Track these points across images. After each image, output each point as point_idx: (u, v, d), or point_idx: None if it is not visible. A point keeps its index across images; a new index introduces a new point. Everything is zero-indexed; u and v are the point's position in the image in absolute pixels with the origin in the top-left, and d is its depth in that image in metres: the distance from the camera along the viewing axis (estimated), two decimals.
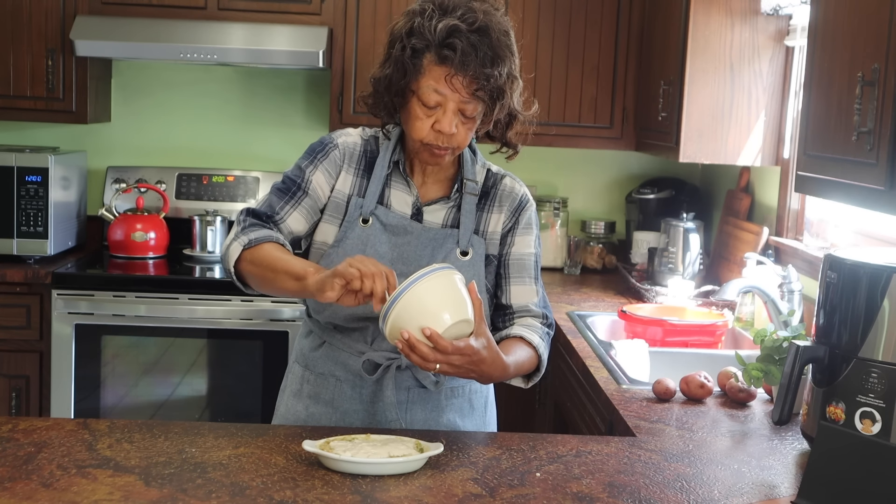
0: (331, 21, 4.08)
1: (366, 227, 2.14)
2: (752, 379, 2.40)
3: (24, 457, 1.84)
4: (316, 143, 2.22)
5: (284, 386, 2.31)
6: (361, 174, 2.17)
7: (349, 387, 2.18)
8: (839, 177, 2.09)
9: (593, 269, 4.42)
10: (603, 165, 4.59)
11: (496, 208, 2.21)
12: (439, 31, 1.97)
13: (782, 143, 3.56)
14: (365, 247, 2.12)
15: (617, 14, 4.13)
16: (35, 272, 3.80)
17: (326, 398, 2.19)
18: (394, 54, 2.03)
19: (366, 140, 2.21)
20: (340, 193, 2.16)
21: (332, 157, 2.17)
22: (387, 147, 2.18)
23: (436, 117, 2.03)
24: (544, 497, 1.76)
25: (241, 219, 2.14)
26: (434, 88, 2.00)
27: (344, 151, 2.18)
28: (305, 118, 4.49)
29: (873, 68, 1.92)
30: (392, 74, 2.03)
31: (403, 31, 2.02)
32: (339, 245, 2.13)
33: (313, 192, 2.16)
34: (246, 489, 1.73)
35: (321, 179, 2.16)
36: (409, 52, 2.00)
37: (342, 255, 2.09)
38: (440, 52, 1.98)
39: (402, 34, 2.02)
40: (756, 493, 1.84)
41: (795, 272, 2.99)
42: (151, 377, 3.91)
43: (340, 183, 2.16)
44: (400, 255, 2.14)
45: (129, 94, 4.47)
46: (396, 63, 2.02)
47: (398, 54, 2.02)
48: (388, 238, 2.14)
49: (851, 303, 1.94)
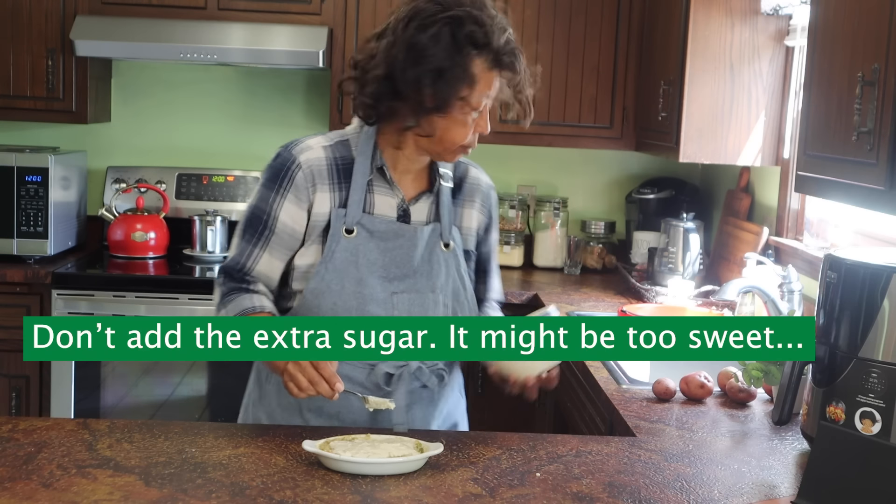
0: (331, 21, 4.08)
1: (351, 237, 2.08)
2: (752, 379, 2.40)
3: (24, 457, 1.84)
4: (276, 163, 2.10)
5: (260, 397, 2.23)
6: (338, 187, 2.09)
7: (356, 399, 2.13)
8: (839, 177, 2.09)
9: (593, 269, 4.42)
10: (603, 165, 4.59)
11: (468, 203, 2.22)
12: (493, 39, 1.97)
13: (782, 143, 3.56)
14: (356, 257, 2.08)
15: (617, 14, 4.13)
16: (35, 272, 3.80)
17: (332, 412, 2.14)
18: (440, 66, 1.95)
19: (332, 147, 2.12)
20: (320, 216, 2.08)
21: (297, 183, 2.07)
22: (363, 151, 2.10)
23: (478, 120, 2.04)
24: (544, 497, 1.76)
25: (219, 282, 2.13)
26: (486, 94, 2.01)
27: (310, 172, 2.08)
28: (305, 118, 4.49)
29: (873, 68, 1.92)
30: (444, 86, 1.96)
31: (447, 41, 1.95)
32: (329, 261, 2.07)
33: (282, 229, 2.09)
34: (246, 489, 1.73)
35: (291, 211, 2.08)
36: (462, 61, 1.95)
37: (332, 272, 2.07)
38: (499, 58, 1.99)
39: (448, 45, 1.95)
40: (756, 493, 1.84)
41: (795, 272, 2.99)
42: (151, 377, 3.91)
43: (317, 206, 2.08)
44: (392, 259, 2.11)
45: (129, 94, 4.47)
46: (447, 74, 1.95)
47: (448, 65, 1.95)
48: (376, 245, 2.09)
49: (851, 303, 1.94)
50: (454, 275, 2.17)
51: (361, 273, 2.08)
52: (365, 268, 2.08)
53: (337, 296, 2.07)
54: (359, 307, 2.08)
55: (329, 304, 2.08)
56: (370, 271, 2.09)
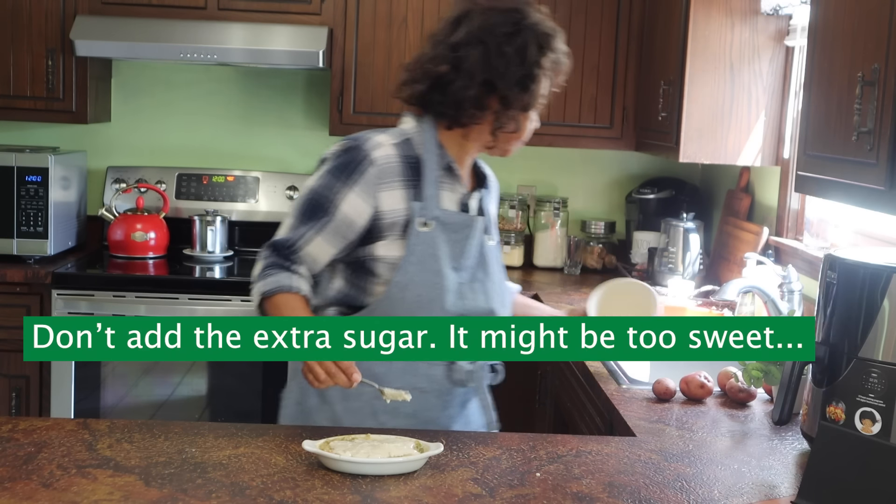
0: (331, 21, 4.08)
1: (428, 230, 2.14)
2: (752, 379, 2.40)
3: (24, 457, 1.84)
4: (348, 155, 2.15)
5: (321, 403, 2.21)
6: (409, 184, 2.15)
7: (434, 396, 2.18)
8: (839, 177, 2.09)
9: (593, 269, 4.42)
10: (603, 165, 4.59)
11: (493, 198, 2.37)
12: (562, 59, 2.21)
13: (782, 143, 3.56)
14: (433, 249, 2.14)
15: (617, 14, 4.13)
16: (35, 272, 3.80)
17: (408, 411, 2.16)
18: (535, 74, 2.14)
19: (399, 146, 2.17)
20: (395, 212, 2.14)
21: (367, 178, 2.12)
22: (429, 150, 2.18)
23: (534, 119, 2.23)
24: (544, 497, 1.76)
25: (263, 255, 2.16)
26: (548, 97, 2.22)
27: (382, 169, 2.13)
28: (305, 118, 4.49)
29: (873, 68, 1.92)
30: (535, 87, 2.15)
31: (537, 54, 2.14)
32: (412, 254, 2.13)
33: (341, 218, 2.12)
34: (246, 489, 1.73)
35: (355, 203, 2.12)
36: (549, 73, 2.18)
37: (415, 264, 2.13)
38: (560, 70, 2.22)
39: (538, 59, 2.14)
40: (756, 493, 1.84)
41: (795, 272, 2.99)
42: (151, 377, 3.91)
43: (388, 202, 2.13)
44: (459, 250, 2.18)
45: (129, 94, 4.47)
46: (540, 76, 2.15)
47: (538, 74, 2.15)
48: (447, 237, 2.17)
49: (851, 303, 1.94)
50: (498, 267, 2.30)
51: (439, 264, 2.15)
52: (441, 259, 2.15)
53: (420, 287, 2.13)
54: (438, 298, 2.13)
55: (413, 295, 2.13)
56: (445, 263, 2.16)
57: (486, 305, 2.20)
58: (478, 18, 2.13)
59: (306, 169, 4.50)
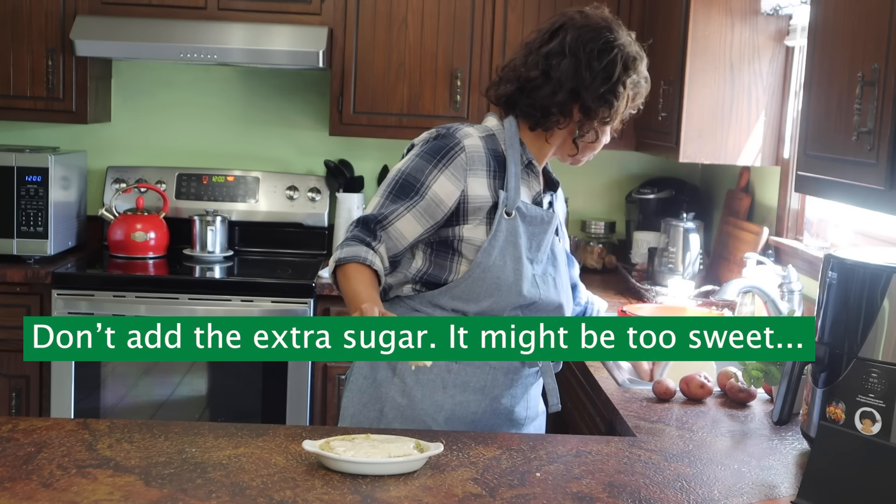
0: (331, 21, 4.08)
1: (511, 219, 2.25)
2: (752, 379, 2.40)
3: (24, 457, 1.84)
4: (440, 141, 2.27)
5: (392, 376, 2.27)
6: (495, 175, 2.26)
7: (502, 374, 2.27)
8: (839, 177, 2.09)
9: (593, 269, 4.42)
10: (603, 165, 4.58)
11: (561, 204, 2.48)
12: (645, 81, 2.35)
13: (782, 143, 3.56)
14: (515, 237, 2.24)
15: (617, 14, 4.11)
16: (35, 272, 3.80)
17: (477, 386, 2.27)
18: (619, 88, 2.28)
19: (485, 139, 2.29)
20: (480, 198, 2.24)
21: (458, 162, 2.24)
22: (512, 146, 2.29)
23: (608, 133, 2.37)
24: (544, 497, 1.76)
25: (351, 227, 2.25)
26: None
27: (471, 156, 2.24)
28: (305, 118, 4.49)
29: (873, 68, 1.92)
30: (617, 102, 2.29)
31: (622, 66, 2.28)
32: (495, 239, 2.24)
33: (432, 197, 2.23)
34: (246, 489, 1.73)
35: (445, 185, 2.23)
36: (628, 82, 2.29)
37: (497, 249, 2.23)
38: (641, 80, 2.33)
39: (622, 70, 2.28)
40: (756, 493, 1.84)
41: (795, 272, 2.99)
42: (151, 377, 3.91)
43: (475, 188, 2.23)
44: (536, 243, 2.29)
45: (129, 94, 4.47)
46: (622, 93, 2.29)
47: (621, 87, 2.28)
48: (525, 228, 2.27)
49: (851, 303, 1.94)
50: (565, 266, 2.42)
51: (519, 252, 2.25)
52: (521, 248, 2.26)
53: (500, 271, 2.23)
54: (516, 284, 2.24)
55: (493, 277, 2.23)
56: (524, 252, 2.26)
57: (556, 298, 2.31)
58: (572, 32, 2.28)
59: (306, 169, 4.50)
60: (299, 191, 4.40)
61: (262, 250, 4.40)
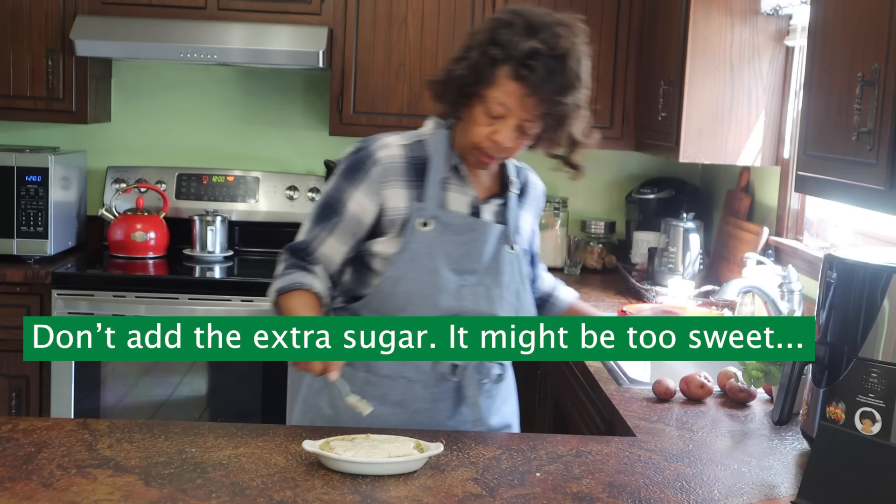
0: (331, 21, 4.08)
1: (427, 230, 2.15)
2: (752, 379, 2.40)
3: (24, 457, 1.84)
4: (355, 157, 2.21)
5: (323, 386, 2.23)
6: (414, 184, 2.18)
7: (421, 387, 2.19)
8: (839, 177, 2.09)
9: (593, 269, 4.42)
10: (603, 165, 4.59)
11: (528, 206, 2.34)
12: (521, 49, 2.04)
13: (782, 143, 3.56)
14: (431, 249, 2.14)
15: (617, 14, 4.13)
16: (35, 272, 3.80)
17: (395, 399, 2.20)
18: (470, 57, 2.09)
19: (408, 147, 2.21)
20: (395, 210, 2.17)
21: (372, 176, 2.17)
22: (439, 150, 2.20)
23: (496, 128, 2.10)
24: (544, 497, 1.76)
25: (283, 258, 2.23)
26: (501, 101, 2.07)
27: (386, 168, 2.17)
28: (305, 118, 4.49)
29: (873, 68, 1.92)
30: (465, 76, 2.09)
31: (486, 38, 2.09)
32: (405, 251, 2.15)
33: (351, 216, 2.17)
34: (246, 489, 1.73)
35: (362, 201, 2.17)
36: (486, 59, 2.07)
37: (408, 262, 2.14)
38: (518, 69, 2.04)
39: (484, 41, 2.08)
40: (756, 493, 1.84)
41: (795, 272, 2.99)
42: (151, 377, 3.91)
43: (391, 200, 2.16)
44: (464, 253, 2.18)
45: (129, 94, 4.47)
46: (471, 67, 2.08)
47: (475, 59, 2.08)
48: (450, 238, 2.17)
49: (851, 303, 1.94)
50: (517, 276, 2.25)
51: (435, 264, 2.15)
52: (439, 259, 2.15)
53: (412, 284, 2.14)
54: (431, 296, 2.14)
55: (403, 291, 2.14)
56: (443, 263, 2.16)
57: (488, 310, 2.18)
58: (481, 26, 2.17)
59: (306, 169, 4.50)
60: (299, 191, 4.40)
61: (262, 250, 4.40)
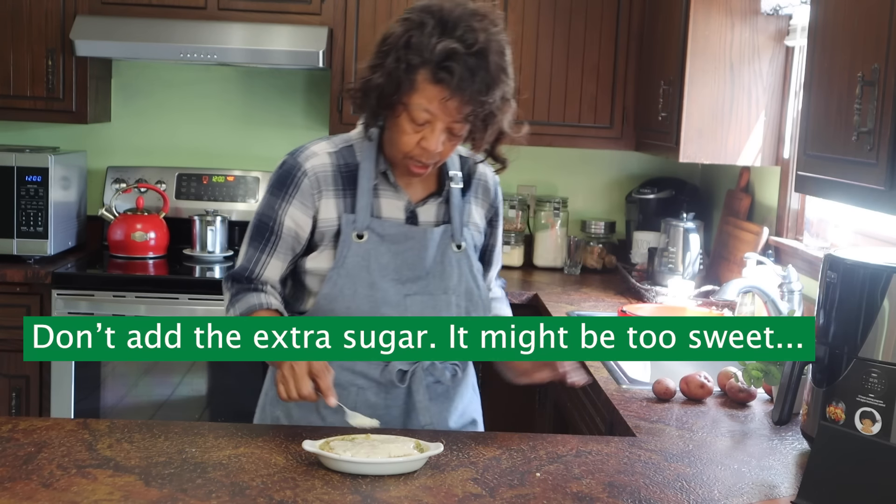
0: (331, 21, 4.08)
1: (362, 242, 2.08)
2: (752, 379, 2.40)
3: (24, 457, 1.84)
4: (282, 170, 2.12)
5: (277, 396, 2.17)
6: (344, 193, 2.10)
7: (372, 394, 2.15)
8: (839, 177, 2.09)
9: (593, 269, 4.42)
10: (603, 165, 4.59)
11: (475, 199, 2.23)
12: (438, 51, 1.92)
13: (782, 143, 3.56)
14: (367, 261, 2.08)
15: (617, 14, 4.13)
16: (35, 272, 3.80)
17: (349, 407, 2.11)
18: (387, 64, 1.98)
19: (337, 154, 2.13)
20: (328, 221, 2.10)
21: (303, 189, 2.09)
22: (368, 156, 2.12)
23: (423, 134, 2.00)
24: (544, 497, 1.76)
25: (227, 286, 2.15)
26: (425, 108, 1.97)
27: (315, 178, 2.09)
28: (305, 118, 4.49)
29: (873, 68, 1.92)
30: (384, 85, 1.99)
31: (400, 42, 1.97)
32: (341, 266, 2.08)
33: (287, 233, 2.10)
34: (246, 489, 1.73)
35: (296, 216, 2.09)
36: (403, 65, 1.95)
37: (345, 277, 2.08)
38: (436, 72, 1.93)
39: (399, 46, 1.97)
40: (756, 493, 1.84)
41: (795, 272, 2.99)
42: (151, 377, 3.91)
43: (323, 212, 2.09)
44: (404, 261, 2.11)
45: (129, 94, 4.47)
46: (389, 75, 1.97)
47: (392, 66, 1.97)
48: (387, 248, 2.10)
49: (851, 303, 1.94)
50: (467, 275, 2.17)
51: (373, 277, 2.08)
52: (377, 271, 2.09)
53: (350, 300, 2.08)
54: (372, 310, 2.07)
55: (342, 308, 2.08)
56: (382, 275, 2.09)
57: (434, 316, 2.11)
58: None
59: None
60: None
61: None
